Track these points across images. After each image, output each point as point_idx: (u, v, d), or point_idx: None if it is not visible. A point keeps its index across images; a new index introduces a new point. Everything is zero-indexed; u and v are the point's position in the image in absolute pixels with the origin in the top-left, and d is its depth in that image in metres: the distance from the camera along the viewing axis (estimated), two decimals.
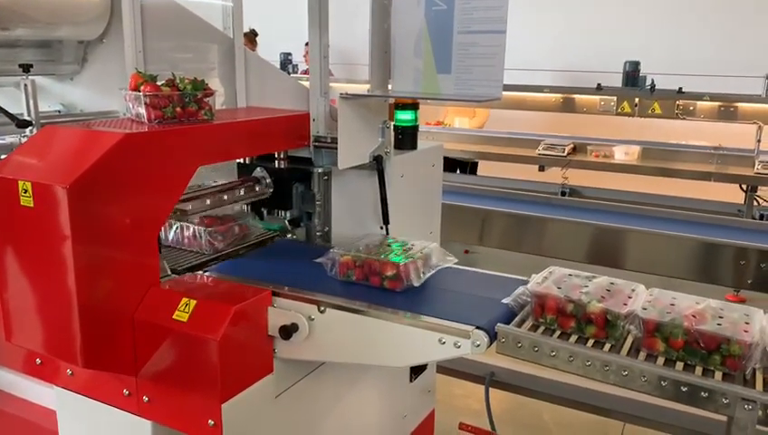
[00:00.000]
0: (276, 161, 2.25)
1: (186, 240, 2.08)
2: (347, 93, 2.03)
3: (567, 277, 1.70)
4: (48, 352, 1.65)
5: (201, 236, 2.05)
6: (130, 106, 1.83)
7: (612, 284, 1.67)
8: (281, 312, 1.72)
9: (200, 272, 1.92)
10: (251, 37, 7.03)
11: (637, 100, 5.75)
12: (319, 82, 2.18)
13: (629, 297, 1.60)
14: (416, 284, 1.78)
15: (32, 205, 1.51)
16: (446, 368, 3.07)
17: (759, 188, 5.18)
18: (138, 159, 1.62)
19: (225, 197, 2.10)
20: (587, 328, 1.54)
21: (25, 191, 1.51)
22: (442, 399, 2.91)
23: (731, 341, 1.41)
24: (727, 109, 5.57)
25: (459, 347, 1.54)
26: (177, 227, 2.09)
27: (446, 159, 2.60)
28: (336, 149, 2.07)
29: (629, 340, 1.54)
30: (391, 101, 2.25)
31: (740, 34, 6.49)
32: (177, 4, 2.36)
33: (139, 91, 1.78)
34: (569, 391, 2.97)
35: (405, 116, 2.32)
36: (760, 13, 6.47)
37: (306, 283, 1.81)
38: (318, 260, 1.88)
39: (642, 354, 1.49)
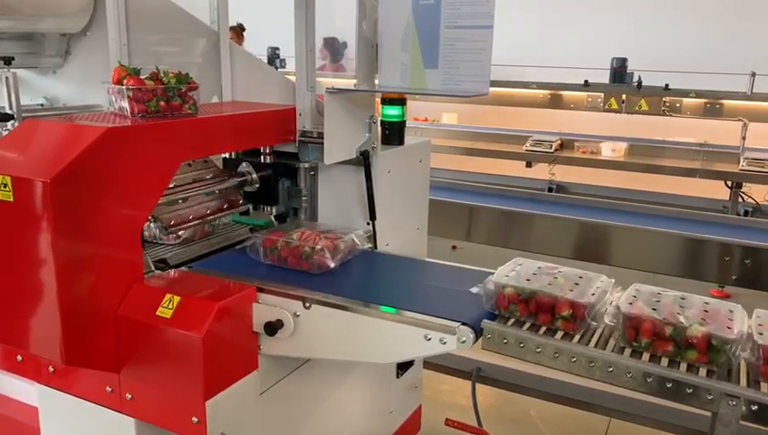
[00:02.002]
0: (262, 156, 2.24)
1: (291, 259, 1.87)
2: (333, 88, 2.02)
3: (656, 295, 1.58)
4: (29, 348, 1.62)
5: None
6: (113, 100, 1.80)
7: (707, 304, 1.56)
8: (266, 308, 1.71)
9: (185, 268, 1.90)
10: (238, 31, 6.98)
11: (624, 96, 5.79)
12: (305, 76, 2.17)
13: (730, 319, 1.48)
14: (593, 324, 1.54)
15: (11, 199, 1.48)
16: (433, 363, 3.07)
17: (744, 184, 5.23)
18: (120, 154, 1.59)
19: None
20: (687, 353, 1.43)
21: (5, 186, 1.48)
22: (429, 394, 2.91)
23: None
24: (713, 106, 5.62)
25: (445, 343, 1.54)
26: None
27: None
28: (322, 143, 2.06)
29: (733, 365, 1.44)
30: (378, 95, 2.24)
31: (726, 32, 6.53)
32: None
33: (123, 85, 1.76)
34: (555, 387, 2.98)
35: (392, 111, 2.31)
36: (746, 10, 6.51)
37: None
38: (474, 290, 1.65)
39: (627, 351, 1.49)
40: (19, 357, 1.78)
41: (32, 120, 1.72)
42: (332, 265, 1.85)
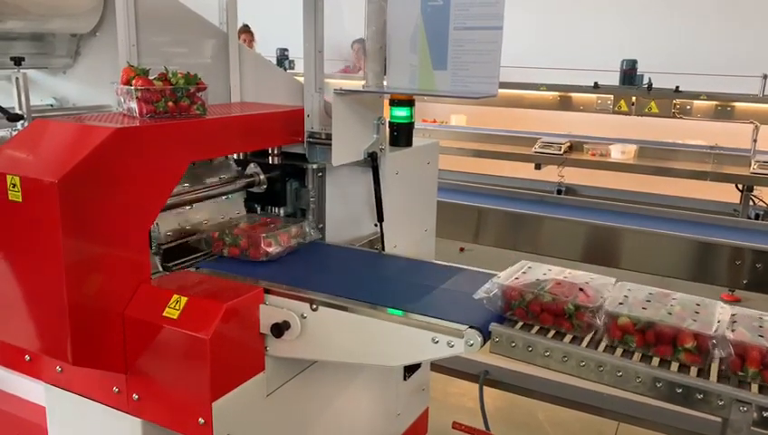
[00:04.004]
0: (270, 157, 2.24)
1: (545, 317, 1.58)
2: (342, 89, 2.01)
3: (757, 320, 1.48)
4: (37, 348, 1.63)
5: None
6: (122, 100, 1.81)
7: None
8: (273, 309, 1.70)
9: (192, 269, 1.90)
10: (251, 32, 6.97)
11: (633, 98, 5.75)
12: (313, 77, 2.16)
13: None
14: (716, 356, 1.41)
15: (20, 199, 1.49)
16: (440, 366, 3.06)
17: (755, 187, 5.18)
18: (129, 154, 1.59)
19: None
20: None
21: (14, 186, 1.49)
22: (436, 397, 2.90)
23: None
24: (724, 108, 5.58)
25: (452, 346, 1.53)
26: None
27: None
28: (330, 145, 2.06)
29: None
30: (387, 97, 2.23)
31: (738, 34, 6.49)
32: None
33: (131, 86, 1.76)
34: (563, 390, 2.96)
35: (400, 112, 2.30)
36: (758, 12, 6.47)
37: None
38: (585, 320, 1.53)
39: (637, 355, 1.47)
40: (27, 357, 1.79)
41: (41, 120, 1.73)
42: (600, 323, 1.54)
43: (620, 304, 1.54)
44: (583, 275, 1.69)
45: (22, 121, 2.10)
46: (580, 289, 1.59)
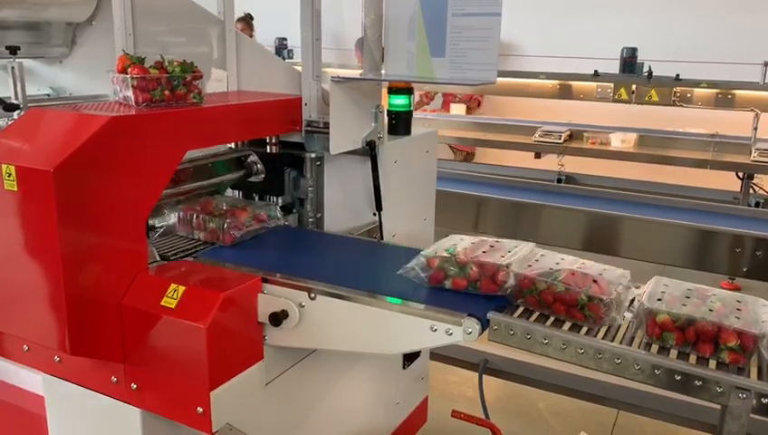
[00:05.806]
0: (268, 146, 2.22)
1: (558, 307, 1.56)
2: (339, 77, 2.00)
3: None
4: (35, 338, 1.63)
5: None
6: (118, 89, 1.79)
7: None
8: (271, 298, 1.70)
9: (190, 258, 1.89)
10: (248, 21, 6.96)
11: (634, 87, 5.72)
12: (311, 65, 2.15)
13: None
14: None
15: (16, 189, 1.48)
16: (440, 355, 3.06)
17: (755, 175, 5.17)
18: (124, 143, 1.58)
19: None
20: None
21: (9, 175, 1.48)
22: (436, 386, 2.91)
23: None
24: (724, 96, 5.56)
25: (451, 335, 1.52)
26: None
27: None
28: (328, 133, 2.04)
29: None
30: (385, 85, 2.22)
31: (738, 22, 6.45)
32: None
33: (127, 74, 1.75)
34: (563, 379, 2.96)
35: (399, 101, 2.29)
36: (758, 0, 6.43)
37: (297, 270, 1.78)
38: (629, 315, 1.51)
39: (636, 343, 1.47)
40: (25, 347, 1.79)
41: (36, 109, 1.71)
42: (620, 320, 1.53)
43: (659, 300, 1.50)
44: (597, 267, 1.66)
45: (18, 111, 2.10)
46: (594, 280, 1.57)
